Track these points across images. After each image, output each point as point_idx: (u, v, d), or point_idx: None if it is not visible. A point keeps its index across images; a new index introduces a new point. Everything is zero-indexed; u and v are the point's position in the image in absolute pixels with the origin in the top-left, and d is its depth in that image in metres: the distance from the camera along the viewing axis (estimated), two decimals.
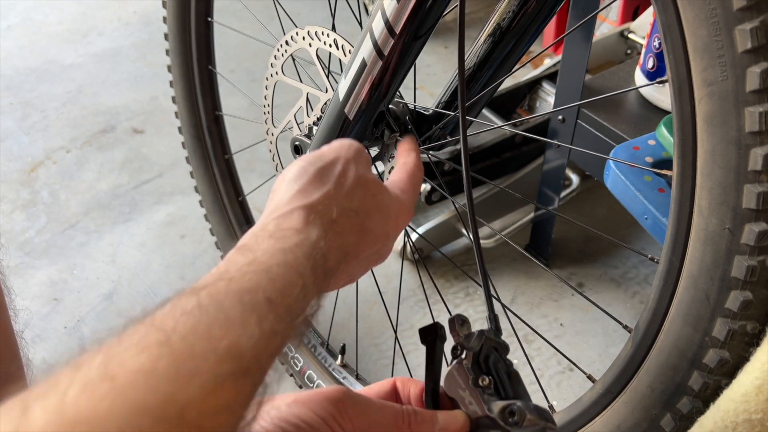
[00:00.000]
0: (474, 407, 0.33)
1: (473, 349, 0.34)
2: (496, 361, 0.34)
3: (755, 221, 0.34)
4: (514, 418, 0.31)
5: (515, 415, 0.31)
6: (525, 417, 0.31)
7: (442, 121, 0.57)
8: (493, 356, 0.34)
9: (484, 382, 0.33)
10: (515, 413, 0.31)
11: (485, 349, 0.34)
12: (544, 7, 0.48)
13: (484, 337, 0.34)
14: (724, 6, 0.31)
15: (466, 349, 0.34)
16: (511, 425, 0.32)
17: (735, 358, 0.37)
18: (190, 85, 0.81)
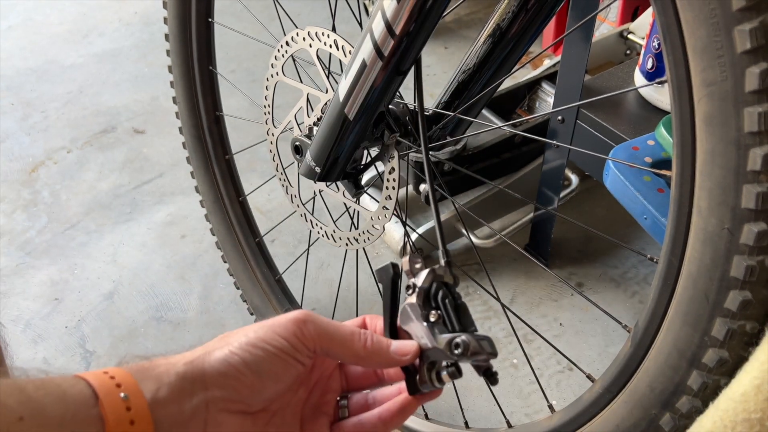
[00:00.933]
0: (424, 340, 0.36)
1: (423, 287, 0.37)
2: (445, 297, 0.37)
3: (754, 221, 0.34)
4: (459, 349, 0.35)
5: (460, 347, 0.35)
6: (469, 348, 0.35)
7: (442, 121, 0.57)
8: (442, 292, 0.37)
9: (433, 317, 0.37)
10: (460, 345, 0.35)
11: (435, 286, 0.37)
12: (543, 7, 0.48)
13: (434, 274, 0.37)
14: (723, 6, 0.31)
15: (416, 287, 0.37)
16: (457, 356, 0.35)
17: (734, 358, 0.37)
18: (191, 85, 0.82)
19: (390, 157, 0.54)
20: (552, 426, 0.51)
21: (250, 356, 0.34)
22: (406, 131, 0.56)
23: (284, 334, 0.35)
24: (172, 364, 0.33)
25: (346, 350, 0.37)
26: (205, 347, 0.35)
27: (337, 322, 0.37)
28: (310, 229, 0.66)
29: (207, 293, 1.01)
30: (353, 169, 0.59)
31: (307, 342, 0.35)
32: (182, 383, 0.32)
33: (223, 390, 0.33)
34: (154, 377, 0.32)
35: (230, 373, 0.33)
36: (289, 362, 0.35)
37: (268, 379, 0.34)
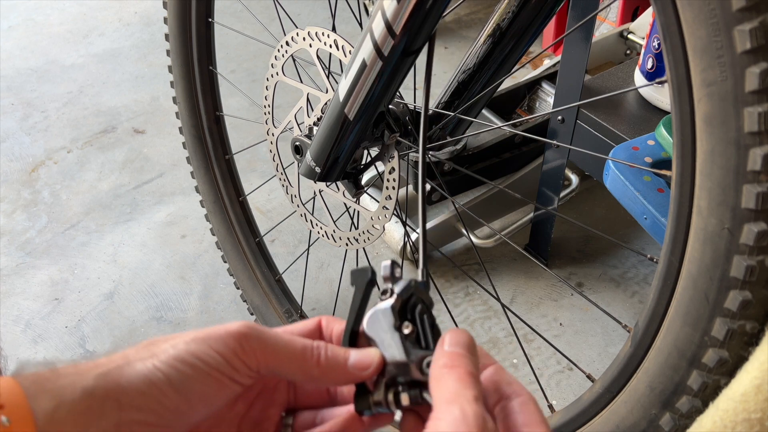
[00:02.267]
0: (392, 351, 0.32)
1: (402, 295, 0.33)
2: (422, 313, 0.33)
3: (754, 221, 0.34)
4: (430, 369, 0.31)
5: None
6: None
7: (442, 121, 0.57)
8: (420, 307, 0.33)
9: (407, 329, 0.33)
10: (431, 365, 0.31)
11: (414, 299, 0.34)
12: (543, 7, 0.48)
13: (413, 286, 0.34)
14: (723, 6, 0.31)
15: (395, 294, 0.33)
16: (426, 375, 0.31)
17: (734, 358, 0.37)
18: (191, 85, 0.82)
19: (390, 157, 0.54)
20: (552, 426, 0.51)
21: (176, 374, 0.28)
22: (406, 131, 0.56)
23: (221, 350, 0.29)
24: (80, 374, 0.28)
25: (296, 369, 0.31)
26: (125, 356, 0.29)
27: (286, 335, 0.32)
28: (310, 229, 0.66)
29: (207, 293, 1.01)
30: (353, 169, 0.59)
31: (248, 361, 0.30)
32: (89, 401, 0.27)
33: (141, 413, 0.28)
34: (52, 392, 0.26)
35: (151, 393, 0.28)
36: (223, 383, 0.30)
37: (198, 401, 0.29)
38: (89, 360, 0.29)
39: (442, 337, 0.30)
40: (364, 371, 0.32)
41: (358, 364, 0.32)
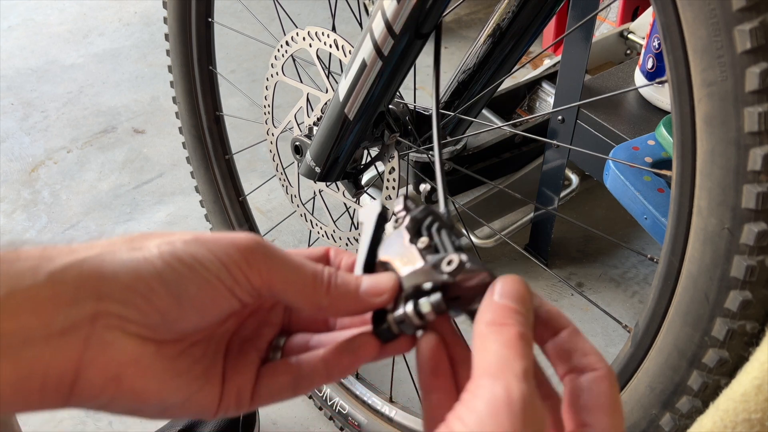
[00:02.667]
0: (409, 264, 0.28)
1: (417, 216, 0.30)
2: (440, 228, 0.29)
3: (754, 221, 0.34)
4: (451, 265, 0.27)
5: (453, 263, 0.27)
6: (464, 264, 0.27)
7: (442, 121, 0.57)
8: (437, 224, 0.29)
9: (423, 243, 0.28)
10: (453, 261, 0.27)
11: (430, 219, 0.30)
12: (543, 7, 0.48)
13: (430, 210, 0.30)
14: (723, 6, 0.31)
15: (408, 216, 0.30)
16: (448, 274, 0.27)
17: (734, 358, 0.37)
18: (191, 85, 0.82)
19: (390, 156, 0.54)
20: None
21: (170, 272, 0.24)
22: (406, 131, 0.56)
23: (224, 260, 0.26)
24: (49, 258, 0.23)
25: (303, 297, 0.27)
26: (110, 243, 0.25)
27: (296, 258, 0.28)
28: (310, 229, 0.66)
29: None
30: (353, 169, 0.59)
31: (252, 277, 0.26)
32: (58, 288, 0.23)
33: (125, 308, 0.24)
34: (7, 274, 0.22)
35: (138, 288, 0.24)
36: (222, 294, 0.26)
37: (190, 308, 0.25)
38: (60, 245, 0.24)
39: (492, 284, 0.26)
40: (378, 297, 0.27)
41: (371, 289, 0.28)
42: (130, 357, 0.24)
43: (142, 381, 0.24)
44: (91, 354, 0.23)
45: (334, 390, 0.75)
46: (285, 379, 0.29)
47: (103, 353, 0.23)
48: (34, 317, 0.22)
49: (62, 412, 0.82)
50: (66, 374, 0.23)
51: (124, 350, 0.24)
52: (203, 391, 0.27)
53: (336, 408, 0.74)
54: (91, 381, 0.23)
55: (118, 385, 0.24)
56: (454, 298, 0.27)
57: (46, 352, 0.22)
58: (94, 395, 0.24)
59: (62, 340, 0.22)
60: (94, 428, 0.81)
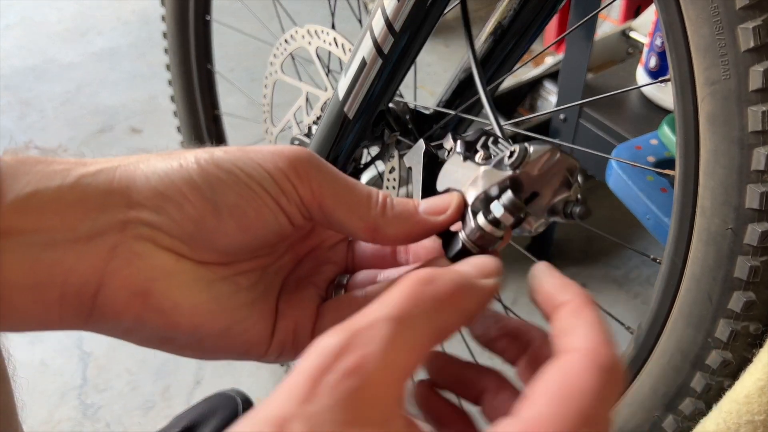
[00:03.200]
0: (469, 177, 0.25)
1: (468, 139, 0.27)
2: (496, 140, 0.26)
3: (758, 221, 0.33)
4: (515, 156, 0.24)
5: (515, 154, 0.24)
6: (526, 152, 0.24)
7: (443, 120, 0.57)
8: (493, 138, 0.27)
9: (479, 156, 0.26)
10: (514, 153, 0.24)
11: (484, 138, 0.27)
12: (545, 5, 0.48)
13: (482, 131, 0.27)
14: (726, 5, 0.30)
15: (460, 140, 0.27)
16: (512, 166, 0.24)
17: (738, 360, 0.37)
18: (189, 84, 0.81)
19: (390, 156, 0.54)
20: None
21: (207, 177, 0.22)
22: (407, 130, 0.56)
23: (269, 167, 0.23)
24: (81, 164, 0.21)
25: (357, 217, 0.24)
26: (149, 155, 0.23)
27: (347, 177, 0.25)
28: None
29: None
30: (353, 169, 0.58)
31: (301, 190, 0.23)
32: (86, 191, 0.21)
33: (157, 215, 0.21)
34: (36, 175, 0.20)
35: (169, 194, 0.22)
36: (267, 206, 0.23)
37: (230, 218, 0.22)
38: None
39: None
40: (440, 214, 0.24)
41: (432, 207, 0.24)
42: (160, 271, 0.21)
43: (172, 299, 0.22)
44: (116, 264, 0.21)
45: None
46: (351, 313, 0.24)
47: (129, 264, 0.21)
48: (58, 219, 0.20)
49: (59, 413, 0.82)
50: (88, 284, 0.21)
51: (154, 263, 0.21)
52: (249, 320, 0.24)
53: None
54: (115, 294, 0.21)
55: (144, 301, 0.21)
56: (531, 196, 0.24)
57: (69, 257, 0.20)
58: (117, 311, 0.21)
59: (87, 247, 0.21)
60: (92, 429, 0.80)
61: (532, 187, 0.24)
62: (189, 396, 0.83)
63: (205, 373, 0.86)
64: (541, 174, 0.24)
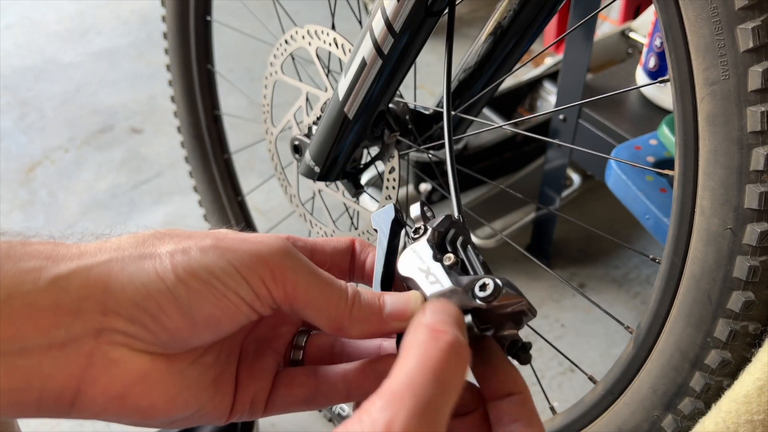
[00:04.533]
0: (436, 284, 0.26)
1: (439, 228, 0.28)
2: (466, 243, 0.28)
3: (757, 221, 0.33)
4: (487, 291, 0.25)
5: (487, 288, 0.25)
6: (500, 291, 0.25)
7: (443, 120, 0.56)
8: (462, 239, 0.28)
9: (449, 260, 0.27)
10: (488, 286, 0.25)
11: (453, 232, 0.28)
12: (545, 6, 0.48)
13: (451, 220, 0.28)
14: (725, 5, 0.30)
15: (430, 228, 0.28)
16: (483, 300, 0.25)
17: (737, 359, 0.37)
18: (189, 84, 0.81)
19: (390, 156, 0.54)
20: (554, 428, 0.51)
21: (184, 291, 0.22)
22: (406, 130, 0.56)
23: (246, 274, 0.23)
24: (54, 260, 0.21)
25: (324, 318, 0.25)
26: (119, 246, 0.23)
27: (321, 274, 0.26)
28: (309, 229, 0.65)
29: None
30: (353, 169, 0.58)
31: (275, 294, 0.24)
32: (61, 296, 0.21)
33: (130, 324, 0.22)
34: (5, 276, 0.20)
35: (146, 306, 0.22)
36: (240, 310, 0.24)
37: (204, 327, 0.23)
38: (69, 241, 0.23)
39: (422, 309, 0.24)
40: (404, 318, 0.25)
41: (396, 312, 0.26)
42: (136, 376, 0.22)
43: (148, 399, 0.23)
44: (94, 372, 0.22)
45: None
46: (302, 392, 0.27)
47: (107, 372, 0.22)
48: (32, 326, 0.20)
49: None
50: (66, 390, 0.22)
51: (130, 369, 0.22)
52: (214, 400, 0.26)
53: (336, 410, 0.74)
54: (94, 399, 0.22)
55: (122, 404, 0.23)
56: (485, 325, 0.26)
57: (45, 364, 0.21)
58: (97, 413, 0.23)
59: (63, 353, 0.21)
60: (92, 429, 0.80)
61: (490, 320, 0.26)
62: None
63: None
64: (503, 314, 0.26)
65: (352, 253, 0.30)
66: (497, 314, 0.26)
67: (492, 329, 0.26)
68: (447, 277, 0.26)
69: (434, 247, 0.28)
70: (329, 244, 0.30)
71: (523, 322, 0.27)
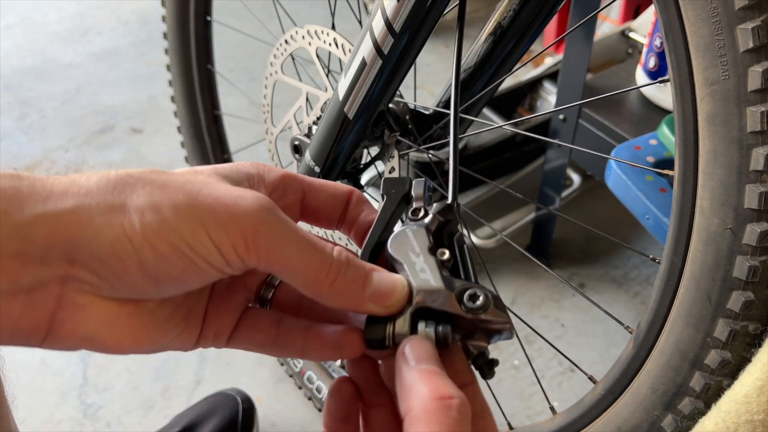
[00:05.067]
0: (425, 277, 0.25)
1: (440, 217, 0.27)
2: (462, 241, 0.27)
3: (757, 221, 0.33)
4: (476, 303, 0.25)
5: (478, 299, 0.25)
6: (489, 306, 0.25)
7: (443, 120, 0.57)
8: (459, 236, 0.28)
9: (443, 255, 0.26)
10: (478, 297, 0.25)
11: (451, 226, 0.28)
12: (545, 6, 0.48)
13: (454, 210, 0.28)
14: (725, 5, 0.30)
15: (431, 213, 0.28)
16: (470, 311, 0.25)
17: (737, 359, 0.37)
18: (189, 84, 0.81)
19: (390, 156, 0.54)
20: (553, 428, 0.51)
21: (151, 255, 0.22)
22: (406, 130, 0.56)
23: (219, 241, 0.22)
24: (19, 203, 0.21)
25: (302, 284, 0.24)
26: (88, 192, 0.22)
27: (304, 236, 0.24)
28: (309, 228, 0.66)
29: None
30: (353, 169, 0.58)
31: (248, 260, 0.23)
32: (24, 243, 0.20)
33: (96, 277, 0.22)
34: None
35: (112, 264, 0.21)
36: (209, 274, 0.23)
37: (169, 285, 0.23)
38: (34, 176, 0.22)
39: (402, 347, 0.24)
40: (384, 305, 0.25)
41: (378, 296, 0.25)
42: (103, 320, 0.23)
43: (117, 339, 0.23)
44: (62, 315, 0.22)
45: None
46: (261, 338, 0.28)
47: (74, 317, 0.22)
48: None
49: (60, 413, 0.82)
50: (37, 330, 0.22)
51: (97, 314, 0.22)
52: (182, 335, 0.26)
53: None
54: (63, 338, 0.23)
55: (91, 343, 0.23)
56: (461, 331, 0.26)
57: (15, 307, 0.21)
58: (67, 348, 0.23)
59: (31, 297, 0.21)
60: (92, 429, 0.80)
61: (467, 328, 0.26)
62: (189, 396, 0.83)
63: (205, 372, 0.86)
64: (482, 327, 0.25)
65: (347, 203, 0.30)
66: (477, 326, 0.25)
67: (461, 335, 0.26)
68: (439, 274, 0.26)
69: (431, 237, 0.27)
70: (325, 189, 0.29)
71: (494, 339, 0.26)
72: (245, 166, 0.27)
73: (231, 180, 0.25)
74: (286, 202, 0.29)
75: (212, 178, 0.25)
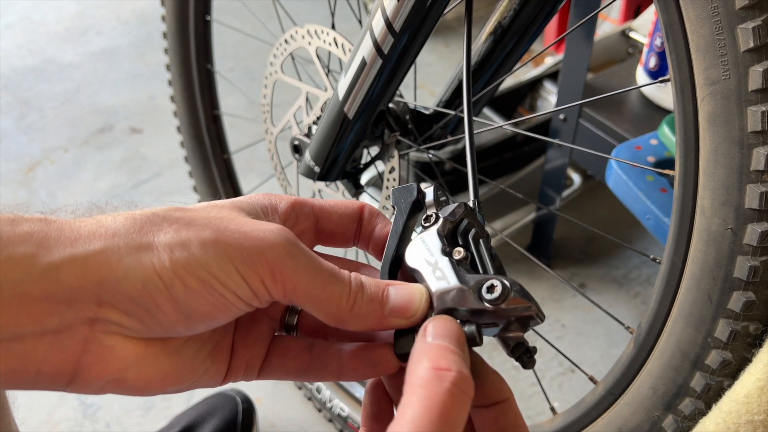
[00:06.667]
0: (442, 280, 0.25)
1: (450, 218, 0.27)
2: (478, 237, 0.27)
3: (758, 221, 0.33)
4: (494, 294, 0.24)
5: (495, 290, 0.24)
6: (508, 294, 0.24)
7: (443, 120, 0.56)
8: (474, 232, 0.27)
9: (458, 254, 0.26)
10: (495, 287, 0.24)
11: (466, 223, 0.28)
12: (545, 5, 0.48)
13: (465, 209, 0.28)
14: (726, 5, 0.30)
15: (441, 217, 0.27)
16: (490, 302, 0.24)
17: (737, 359, 0.37)
18: (189, 84, 0.81)
19: (390, 156, 0.54)
20: (554, 428, 0.51)
21: (182, 290, 0.22)
22: (406, 130, 0.55)
23: (246, 273, 0.23)
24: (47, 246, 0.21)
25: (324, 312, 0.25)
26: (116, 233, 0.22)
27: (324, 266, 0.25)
28: None
29: None
30: (353, 169, 0.58)
31: (274, 292, 0.24)
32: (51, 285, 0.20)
33: (126, 317, 0.22)
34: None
35: (143, 302, 0.22)
36: (237, 307, 0.24)
37: (199, 322, 0.23)
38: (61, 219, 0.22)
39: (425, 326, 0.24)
40: (406, 316, 0.25)
41: (398, 309, 0.25)
42: (131, 361, 0.23)
43: (144, 379, 0.23)
44: (89, 358, 0.22)
45: (334, 392, 0.75)
46: (295, 365, 0.28)
47: (101, 358, 0.22)
48: (25, 314, 0.20)
49: (59, 414, 0.82)
50: (62, 373, 0.22)
51: (125, 355, 0.22)
52: (210, 371, 0.26)
53: (336, 410, 0.74)
54: (90, 382, 0.22)
55: (118, 385, 0.23)
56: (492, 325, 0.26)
57: (40, 350, 0.21)
58: (94, 392, 0.23)
59: (57, 340, 0.21)
60: (92, 429, 0.80)
61: (496, 319, 0.25)
62: (189, 396, 0.83)
63: None
64: (510, 315, 0.25)
65: (360, 220, 0.30)
66: (503, 316, 0.25)
67: (496, 330, 0.26)
68: (454, 273, 0.26)
69: (443, 239, 0.27)
70: (336, 210, 0.30)
71: (530, 326, 0.26)
72: (258, 198, 0.28)
73: (250, 214, 0.26)
74: (300, 228, 0.29)
75: (234, 212, 0.25)
